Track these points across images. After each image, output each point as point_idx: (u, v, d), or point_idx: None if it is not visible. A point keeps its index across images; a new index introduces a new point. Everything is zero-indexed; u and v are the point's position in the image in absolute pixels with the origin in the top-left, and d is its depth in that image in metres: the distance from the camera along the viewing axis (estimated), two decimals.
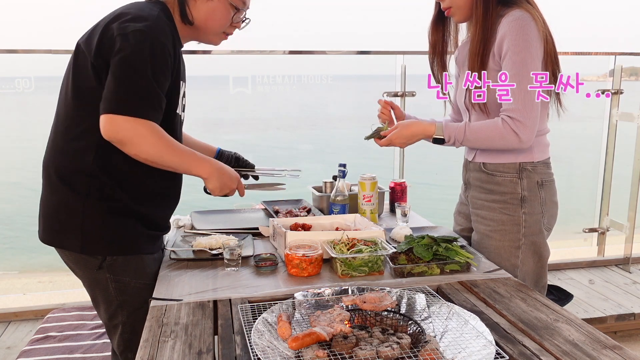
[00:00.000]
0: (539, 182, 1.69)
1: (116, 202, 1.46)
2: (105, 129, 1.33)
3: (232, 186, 1.60)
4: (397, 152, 3.37)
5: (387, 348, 1.03)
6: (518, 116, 1.56)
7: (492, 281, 1.48)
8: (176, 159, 1.44)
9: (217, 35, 1.60)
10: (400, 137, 1.70)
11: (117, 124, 1.33)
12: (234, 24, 1.59)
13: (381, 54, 3.66)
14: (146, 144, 1.36)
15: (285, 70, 3.50)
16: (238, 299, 1.35)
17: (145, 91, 1.36)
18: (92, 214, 1.45)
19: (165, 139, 1.40)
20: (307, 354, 1.02)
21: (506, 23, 1.57)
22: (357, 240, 1.57)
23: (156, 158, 1.39)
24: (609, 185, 3.72)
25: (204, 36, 1.59)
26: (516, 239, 1.68)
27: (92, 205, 1.45)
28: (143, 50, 1.34)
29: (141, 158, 1.39)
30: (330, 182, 2.21)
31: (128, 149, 1.36)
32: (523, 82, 1.55)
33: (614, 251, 3.76)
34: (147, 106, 1.36)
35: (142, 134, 1.35)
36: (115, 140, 1.35)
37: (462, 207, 1.93)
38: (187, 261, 1.64)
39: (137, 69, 1.34)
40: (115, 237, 1.48)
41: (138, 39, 1.34)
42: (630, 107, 3.62)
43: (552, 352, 1.09)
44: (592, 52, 3.57)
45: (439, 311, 1.23)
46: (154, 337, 1.17)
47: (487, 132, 1.61)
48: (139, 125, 1.34)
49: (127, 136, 1.34)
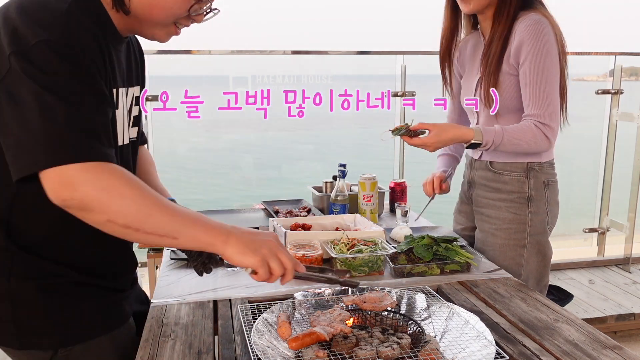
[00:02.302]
0: (545, 182, 1.70)
1: (50, 277, 1.07)
2: (56, 191, 0.89)
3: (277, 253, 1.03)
4: (397, 152, 3.37)
5: (387, 348, 1.03)
6: (547, 121, 1.57)
7: (492, 281, 1.48)
8: (168, 220, 0.95)
9: (165, 28, 1.12)
10: (438, 142, 1.61)
11: (73, 178, 0.89)
12: (193, 16, 1.12)
13: (381, 54, 3.66)
14: (123, 202, 0.91)
15: (285, 70, 3.50)
16: (238, 299, 1.35)
17: (86, 121, 0.93)
18: (22, 299, 1.06)
19: (147, 190, 0.96)
20: (307, 354, 1.02)
21: (524, 27, 1.56)
22: (357, 240, 1.57)
23: (139, 222, 0.93)
24: (609, 185, 3.72)
25: (147, 29, 1.12)
26: (522, 238, 1.69)
27: (20, 288, 1.06)
28: (59, 72, 0.91)
29: (117, 225, 0.92)
30: (330, 182, 2.21)
31: (95, 215, 0.91)
32: (547, 87, 1.56)
33: (614, 251, 3.76)
34: (97, 142, 0.93)
35: (112, 187, 0.91)
36: (74, 206, 0.90)
37: (463, 206, 1.93)
38: (187, 261, 1.64)
39: (64, 96, 0.91)
40: (63, 321, 1.09)
41: (45, 57, 0.90)
42: (630, 107, 3.62)
43: (552, 352, 1.09)
44: (592, 52, 3.56)
45: (439, 311, 1.23)
46: (153, 337, 1.17)
47: (522, 136, 1.59)
48: (102, 172, 0.91)
49: (90, 196, 0.89)
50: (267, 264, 1.01)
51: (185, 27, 1.16)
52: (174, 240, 0.97)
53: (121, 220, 0.92)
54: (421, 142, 1.61)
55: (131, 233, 0.93)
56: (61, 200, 0.90)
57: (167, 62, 3.24)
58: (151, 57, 2.99)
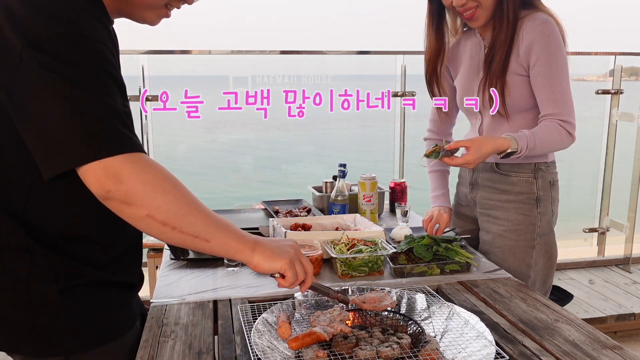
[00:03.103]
0: (551, 181, 1.70)
1: (69, 278, 1.03)
2: (101, 184, 0.87)
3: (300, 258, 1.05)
4: (397, 152, 3.37)
5: (387, 348, 1.03)
6: (568, 118, 1.57)
7: (492, 281, 1.48)
8: (203, 221, 0.94)
9: (156, 10, 1.09)
10: (479, 158, 1.52)
11: (118, 170, 0.87)
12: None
13: (381, 54, 3.66)
14: (165, 197, 0.90)
15: (286, 70, 3.50)
16: (238, 299, 1.35)
17: (116, 112, 0.90)
18: (43, 304, 1.01)
19: (185, 188, 0.95)
20: (307, 354, 1.02)
21: (533, 27, 1.56)
22: (357, 240, 1.57)
23: (177, 220, 0.91)
24: (609, 185, 3.72)
25: (138, 11, 1.08)
26: (531, 239, 1.68)
27: (40, 293, 1.01)
28: (81, 63, 0.88)
29: (155, 221, 0.90)
30: (330, 182, 2.21)
31: (135, 209, 0.89)
32: (562, 85, 1.57)
33: (614, 251, 3.76)
34: (130, 132, 0.93)
35: (155, 181, 0.90)
36: (118, 198, 0.88)
37: (461, 209, 1.91)
38: (187, 261, 1.64)
39: (90, 87, 0.88)
40: (82, 326, 1.05)
41: (64, 49, 0.87)
42: (630, 107, 3.62)
43: (552, 352, 1.09)
44: (592, 52, 3.56)
45: (439, 311, 1.23)
46: (153, 337, 1.17)
47: (550, 136, 1.57)
48: (145, 165, 0.90)
49: (135, 188, 0.88)
50: (294, 267, 1.03)
51: (176, 9, 1.13)
52: (206, 243, 0.95)
53: (161, 216, 0.90)
54: (463, 161, 1.53)
55: (167, 231, 0.91)
56: (105, 192, 0.87)
57: (167, 62, 3.25)
58: (151, 57, 2.99)
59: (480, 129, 1.75)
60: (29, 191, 0.99)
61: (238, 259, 1.02)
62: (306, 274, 1.06)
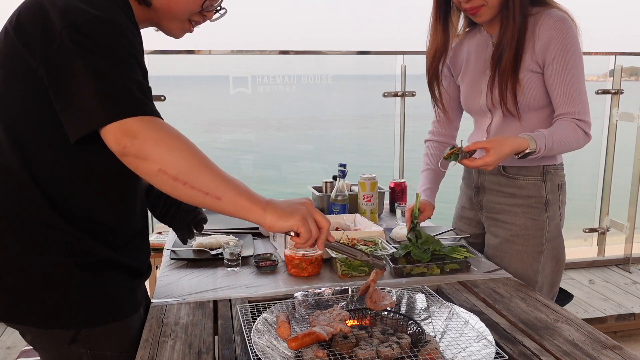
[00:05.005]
0: (559, 184, 1.66)
1: (84, 255, 1.09)
2: (118, 140, 0.96)
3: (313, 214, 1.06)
4: (397, 152, 3.37)
5: (387, 348, 1.03)
6: (584, 117, 1.55)
7: (492, 281, 1.48)
8: (213, 178, 1.00)
9: (181, 23, 1.21)
10: (499, 159, 1.47)
11: (133, 127, 0.96)
12: (205, 12, 1.22)
13: (381, 54, 3.66)
14: (176, 153, 0.97)
15: (285, 70, 3.50)
16: (238, 299, 1.35)
17: (138, 84, 1.01)
18: (57, 276, 1.07)
19: (197, 148, 1.01)
20: (307, 354, 1.02)
21: (551, 24, 1.52)
22: (357, 240, 1.57)
23: (189, 176, 0.97)
24: (609, 185, 3.72)
25: (165, 22, 1.21)
26: (539, 244, 1.64)
27: (55, 265, 1.07)
28: (111, 44, 1.00)
29: (167, 176, 0.97)
30: (330, 182, 2.21)
31: (149, 164, 0.97)
32: (579, 83, 1.54)
33: (614, 251, 3.77)
34: (147, 99, 1.01)
35: (167, 139, 0.98)
36: (132, 153, 0.96)
37: (465, 212, 1.86)
38: (187, 261, 1.64)
39: (117, 61, 0.99)
40: (92, 302, 1.11)
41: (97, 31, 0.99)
42: (630, 107, 3.63)
43: (552, 352, 1.09)
44: (592, 52, 3.56)
45: (438, 311, 1.23)
46: (153, 337, 1.17)
47: (567, 136, 1.55)
48: (159, 126, 0.99)
49: (148, 143, 0.96)
50: (307, 223, 1.04)
51: (198, 26, 1.26)
52: (217, 200, 1.00)
53: (172, 171, 0.96)
54: (483, 163, 1.47)
55: (179, 186, 0.98)
56: (122, 148, 0.96)
57: (168, 62, 3.25)
58: (151, 57, 2.99)
59: (489, 129, 1.69)
60: (53, 165, 1.06)
61: (250, 219, 1.03)
62: (320, 229, 1.06)
